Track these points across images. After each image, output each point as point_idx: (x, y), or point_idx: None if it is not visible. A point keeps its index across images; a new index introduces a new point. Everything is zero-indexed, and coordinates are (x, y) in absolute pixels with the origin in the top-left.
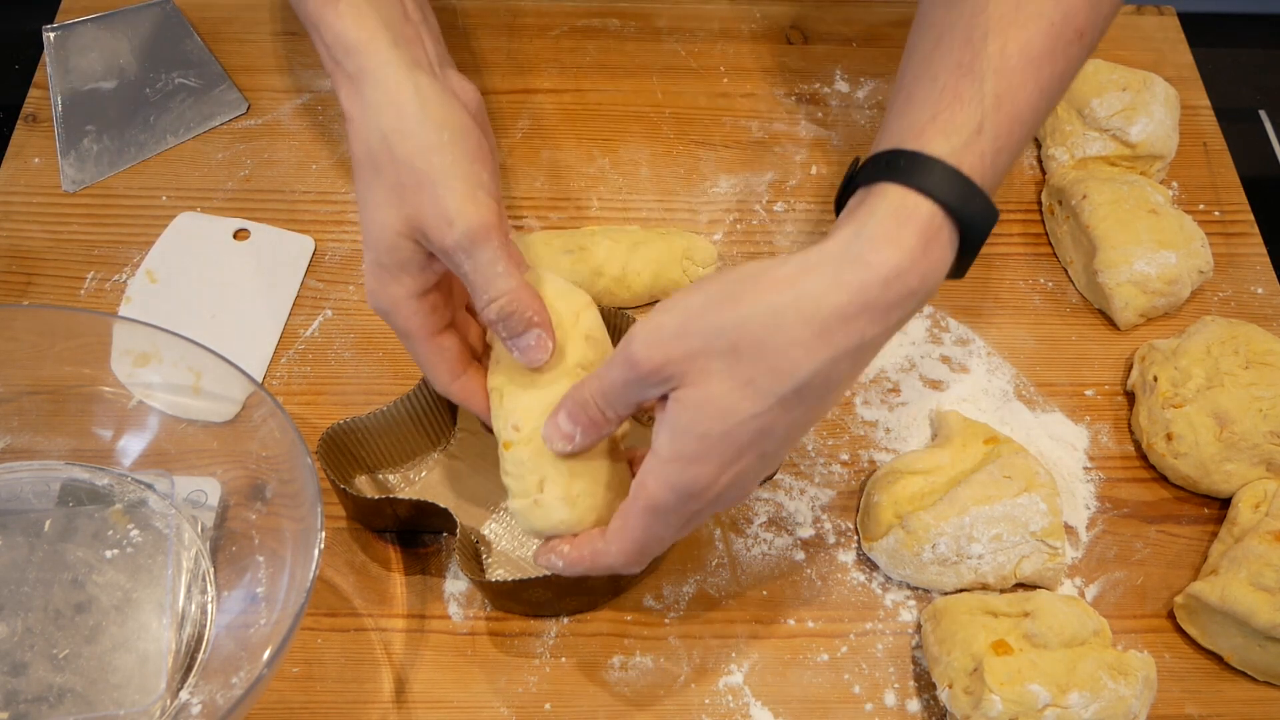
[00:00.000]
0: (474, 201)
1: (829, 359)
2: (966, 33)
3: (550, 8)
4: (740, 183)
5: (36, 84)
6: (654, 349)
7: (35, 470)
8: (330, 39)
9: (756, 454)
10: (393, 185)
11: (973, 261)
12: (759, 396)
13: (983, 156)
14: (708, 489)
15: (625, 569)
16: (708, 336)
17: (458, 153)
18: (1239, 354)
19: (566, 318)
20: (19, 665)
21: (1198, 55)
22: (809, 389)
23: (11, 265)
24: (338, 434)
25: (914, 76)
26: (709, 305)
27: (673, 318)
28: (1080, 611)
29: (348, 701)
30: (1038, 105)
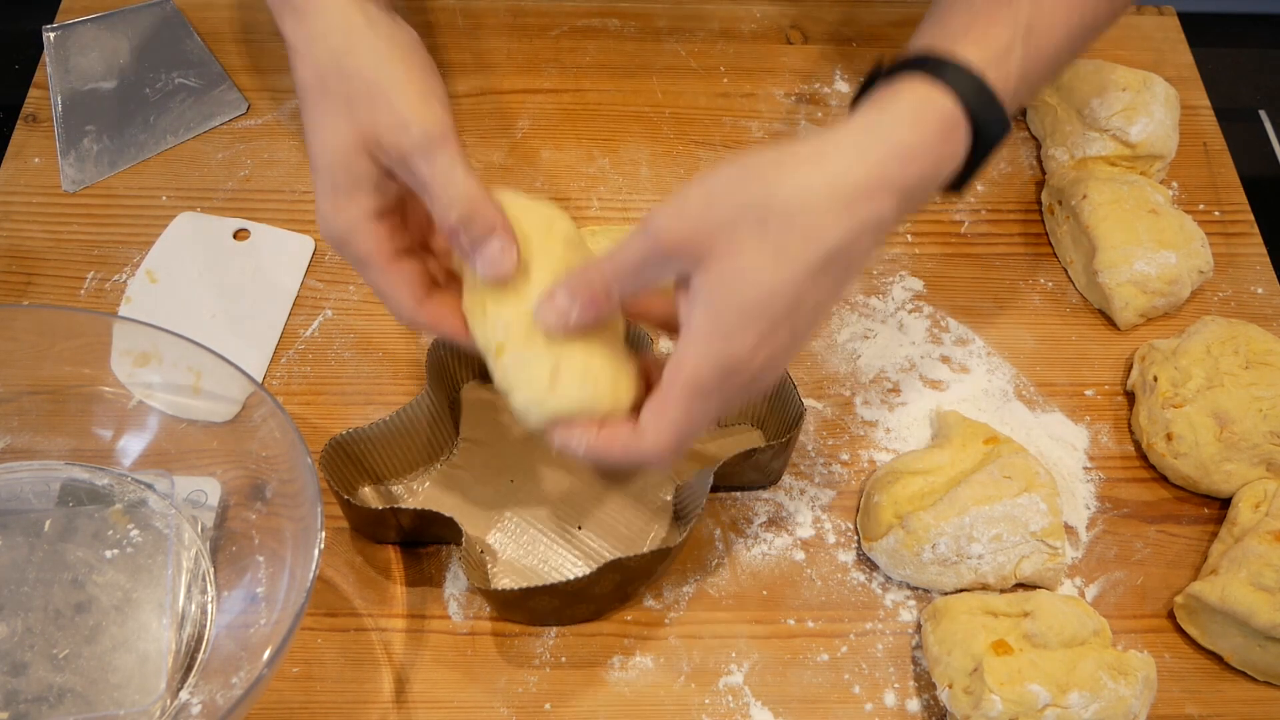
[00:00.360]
0: (428, 106)
1: (854, 229)
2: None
3: (550, 8)
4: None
5: (36, 84)
6: (681, 221)
7: (35, 470)
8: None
9: (789, 327)
10: (343, 100)
11: (973, 176)
12: (792, 264)
13: (1008, 76)
14: (749, 363)
15: (659, 460)
16: (736, 209)
17: (410, 63)
18: (1239, 354)
19: (539, 227)
20: (19, 665)
21: (1198, 55)
22: (836, 259)
23: (11, 265)
24: (341, 444)
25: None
26: (734, 181)
27: (698, 192)
28: (1080, 611)
29: (348, 701)
30: (1063, 47)
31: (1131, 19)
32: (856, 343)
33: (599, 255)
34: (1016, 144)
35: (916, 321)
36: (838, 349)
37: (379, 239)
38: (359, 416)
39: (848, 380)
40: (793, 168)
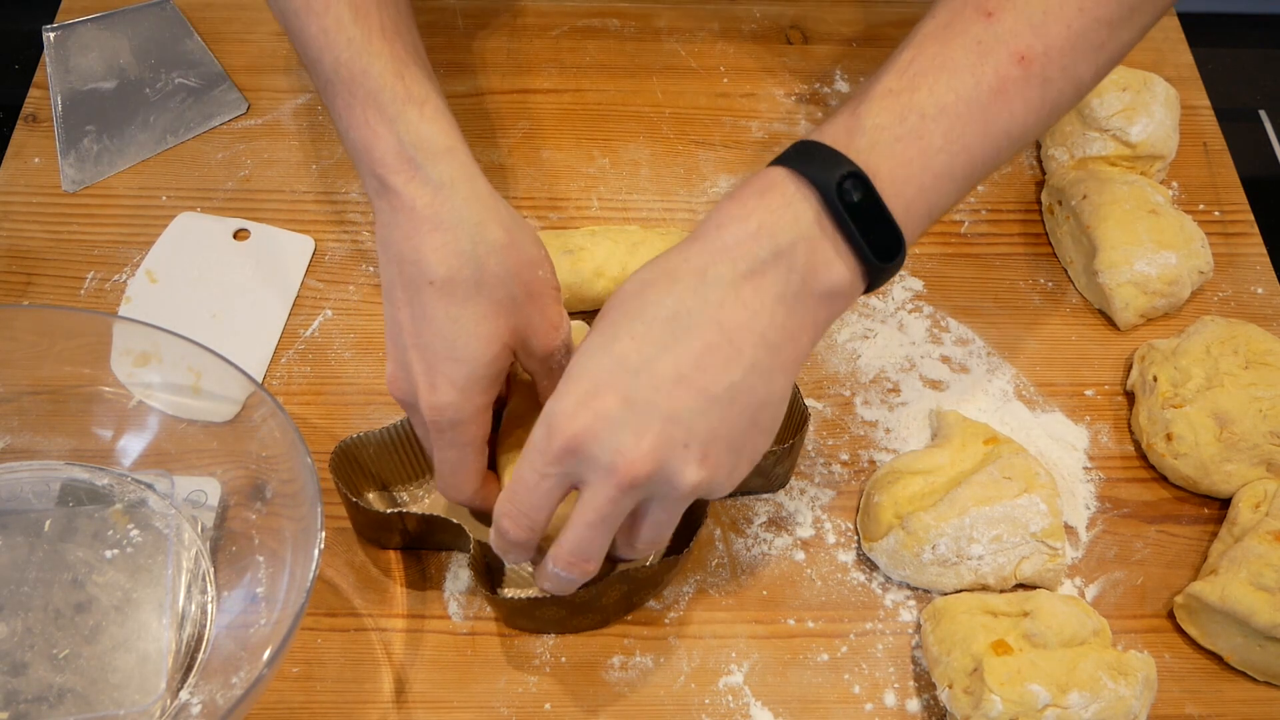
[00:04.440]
0: (562, 299)
1: (677, 294)
2: (891, 53)
3: (550, 8)
4: (740, 182)
5: (36, 84)
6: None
7: (35, 470)
8: (413, 139)
9: (616, 391)
10: (501, 299)
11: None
12: (608, 332)
13: (850, 131)
14: (568, 421)
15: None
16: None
17: (544, 255)
18: (1239, 354)
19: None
20: (19, 665)
21: (1198, 55)
22: (660, 321)
23: (11, 265)
24: (349, 448)
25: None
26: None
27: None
28: (1080, 611)
29: (348, 701)
30: (955, 108)
31: None
32: (856, 343)
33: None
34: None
35: (916, 321)
36: (838, 349)
37: (488, 427)
38: (359, 416)
39: (848, 380)
40: (636, 273)
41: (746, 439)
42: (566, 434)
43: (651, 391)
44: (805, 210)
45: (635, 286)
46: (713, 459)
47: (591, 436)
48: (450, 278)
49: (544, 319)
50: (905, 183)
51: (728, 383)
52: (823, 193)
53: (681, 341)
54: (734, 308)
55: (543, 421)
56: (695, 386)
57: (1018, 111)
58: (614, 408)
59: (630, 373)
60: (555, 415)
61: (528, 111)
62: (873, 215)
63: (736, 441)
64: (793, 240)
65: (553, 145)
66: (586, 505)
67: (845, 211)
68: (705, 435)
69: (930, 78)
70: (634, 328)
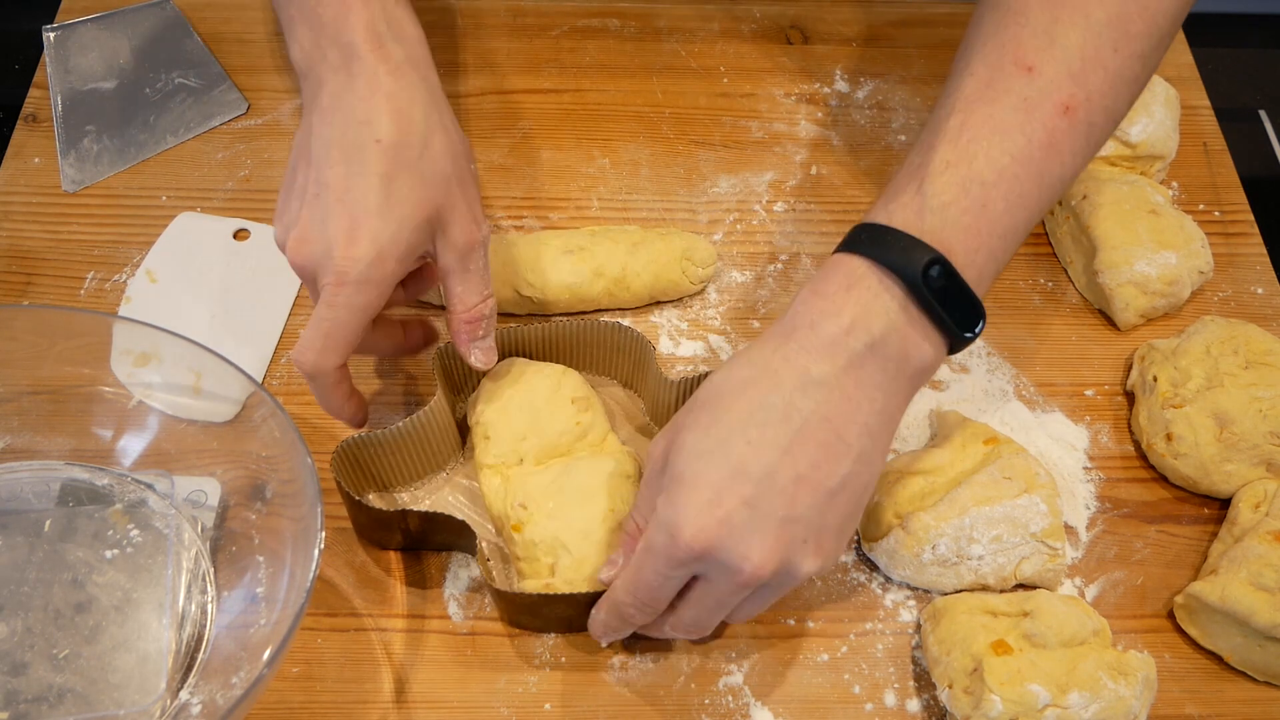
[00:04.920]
0: (483, 211)
1: (784, 394)
2: (936, 113)
3: (550, 8)
4: (740, 183)
5: (36, 84)
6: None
7: (35, 470)
8: (385, 18)
9: (738, 496)
10: (436, 177)
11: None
12: (717, 433)
13: (920, 212)
14: (694, 530)
15: (628, 608)
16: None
17: (471, 166)
18: (1239, 354)
19: (549, 387)
20: (19, 665)
21: (1198, 55)
22: (773, 425)
23: (11, 265)
24: (351, 447)
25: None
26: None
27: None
28: (1080, 611)
29: (348, 701)
30: (1012, 169)
31: None
32: None
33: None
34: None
35: None
36: None
37: (381, 304)
38: None
39: None
40: (723, 364)
41: (850, 521)
42: (694, 543)
43: (773, 496)
44: (892, 301)
45: (735, 384)
46: (825, 547)
47: (718, 543)
48: (397, 141)
49: (469, 209)
50: (976, 252)
51: (840, 476)
52: (908, 282)
53: (796, 443)
54: (839, 403)
55: (664, 527)
56: (812, 484)
57: (1067, 159)
58: (738, 514)
59: (752, 480)
60: (679, 524)
61: (528, 111)
62: (955, 294)
63: (843, 526)
64: (885, 331)
65: (553, 145)
66: (709, 595)
67: (932, 297)
68: (819, 527)
69: (984, 144)
70: (748, 433)
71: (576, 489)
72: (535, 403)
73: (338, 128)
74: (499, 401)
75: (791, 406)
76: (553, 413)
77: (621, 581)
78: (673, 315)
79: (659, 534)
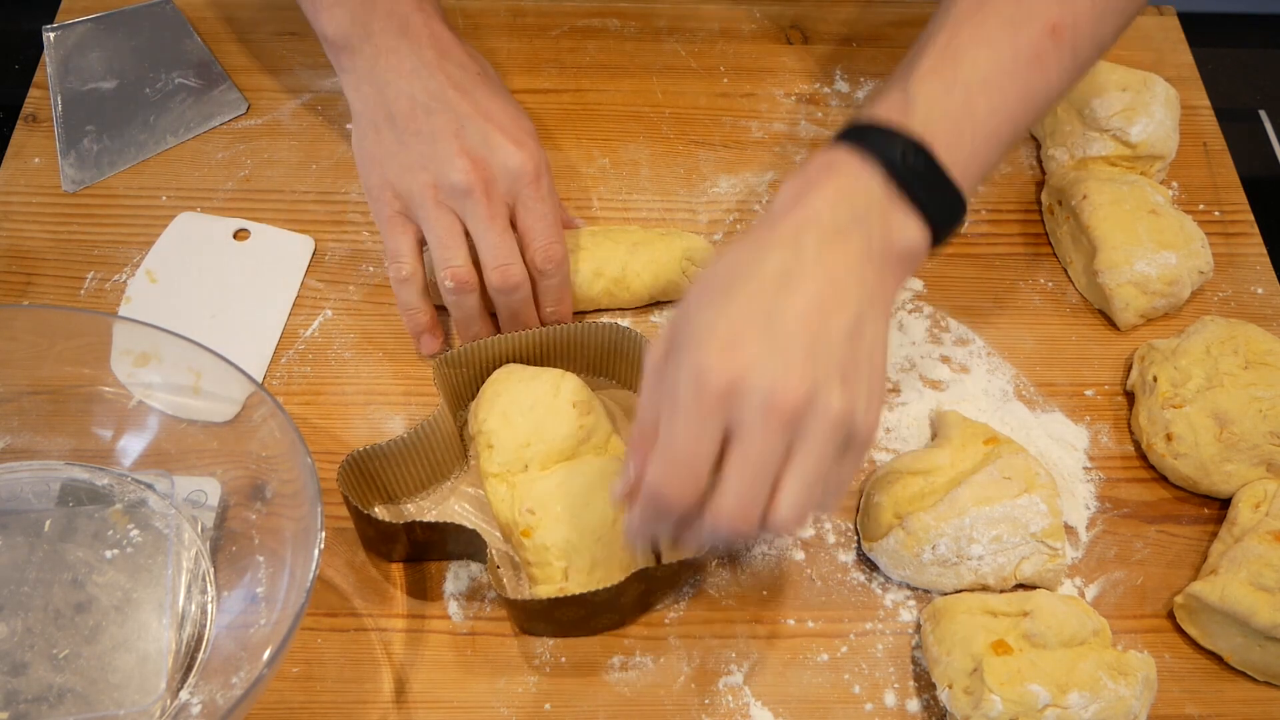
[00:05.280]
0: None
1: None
2: (924, 35)
3: (550, 8)
4: (740, 183)
5: (36, 84)
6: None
7: (35, 470)
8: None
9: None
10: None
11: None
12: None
13: (904, 107)
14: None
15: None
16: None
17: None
18: (1239, 354)
19: (547, 392)
20: (19, 665)
21: (1198, 55)
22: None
23: (11, 265)
24: (359, 460)
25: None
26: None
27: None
28: (1080, 611)
29: (348, 701)
30: (997, 78)
31: None
32: None
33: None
34: (1017, 144)
35: (916, 321)
36: None
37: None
38: (359, 416)
39: None
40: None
41: (873, 375)
42: (720, 379)
43: (786, 330)
44: (873, 182)
45: (727, 264)
46: (851, 386)
47: (744, 376)
48: (485, 73)
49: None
50: (958, 149)
51: (846, 321)
52: (887, 164)
53: (796, 291)
54: (831, 263)
55: (687, 379)
56: (823, 319)
57: (1052, 78)
58: (757, 346)
59: (761, 319)
60: (702, 367)
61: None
62: (935, 181)
63: (865, 374)
64: (867, 206)
65: (553, 145)
66: (747, 449)
67: (911, 179)
68: (842, 363)
69: (971, 53)
70: (747, 287)
71: (584, 491)
72: (536, 409)
73: (438, 78)
74: (500, 409)
75: (784, 264)
76: (554, 417)
77: (653, 462)
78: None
79: (683, 387)
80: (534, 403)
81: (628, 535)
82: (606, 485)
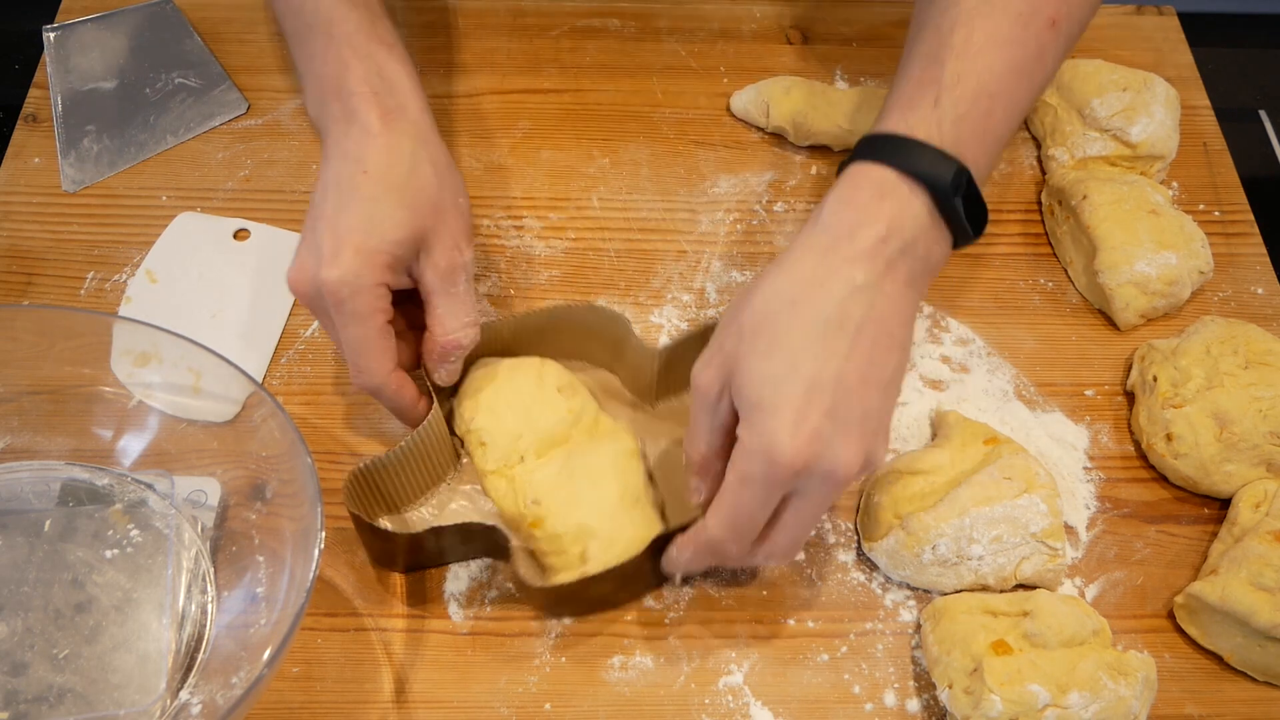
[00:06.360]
0: (471, 238)
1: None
2: (937, 25)
3: (550, 8)
4: (740, 183)
5: (36, 84)
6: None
7: (35, 470)
8: (378, 73)
9: (819, 409)
10: (422, 203)
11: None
12: (782, 355)
13: (939, 124)
14: (791, 450)
15: (725, 542)
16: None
17: (462, 196)
18: (1239, 354)
19: (531, 380)
20: (19, 665)
21: (1198, 55)
22: (831, 335)
23: (11, 265)
24: (363, 474)
25: (898, 70)
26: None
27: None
28: (1080, 611)
29: (348, 701)
30: (1010, 80)
31: (1131, 19)
32: None
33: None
34: (1017, 144)
35: (916, 321)
36: None
37: (386, 306)
38: (359, 416)
39: None
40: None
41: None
42: (793, 462)
43: (848, 399)
44: (921, 208)
45: (785, 303)
46: (886, 432)
47: (813, 456)
48: (385, 169)
49: (453, 235)
50: (981, 160)
51: (893, 367)
52: (937, 192)
53: (855, 347)
54: (884, 304)
55: (758, 455)
56: (874, 380)
57: (1050, 68)
58: (825, 426)
59: (828, 391)
60: (774, 447)
61: (528, 111)
62: (972, 200)
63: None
64: (915, 235)
65: (553, 145)
66: (804, 510)
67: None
68: (881, 414)
69: (989, 57)
70: (812, 348)
71: (585, 474)
72: (523, 399)
73: (332, 170)
74: (486, 405)
75: (845, 315)
76: (542, 405)
77: (716, 519)
78: (673, 315)
79: (754, 463)
80: (519, 393)
81: (670, 567)
82: (606, 465)
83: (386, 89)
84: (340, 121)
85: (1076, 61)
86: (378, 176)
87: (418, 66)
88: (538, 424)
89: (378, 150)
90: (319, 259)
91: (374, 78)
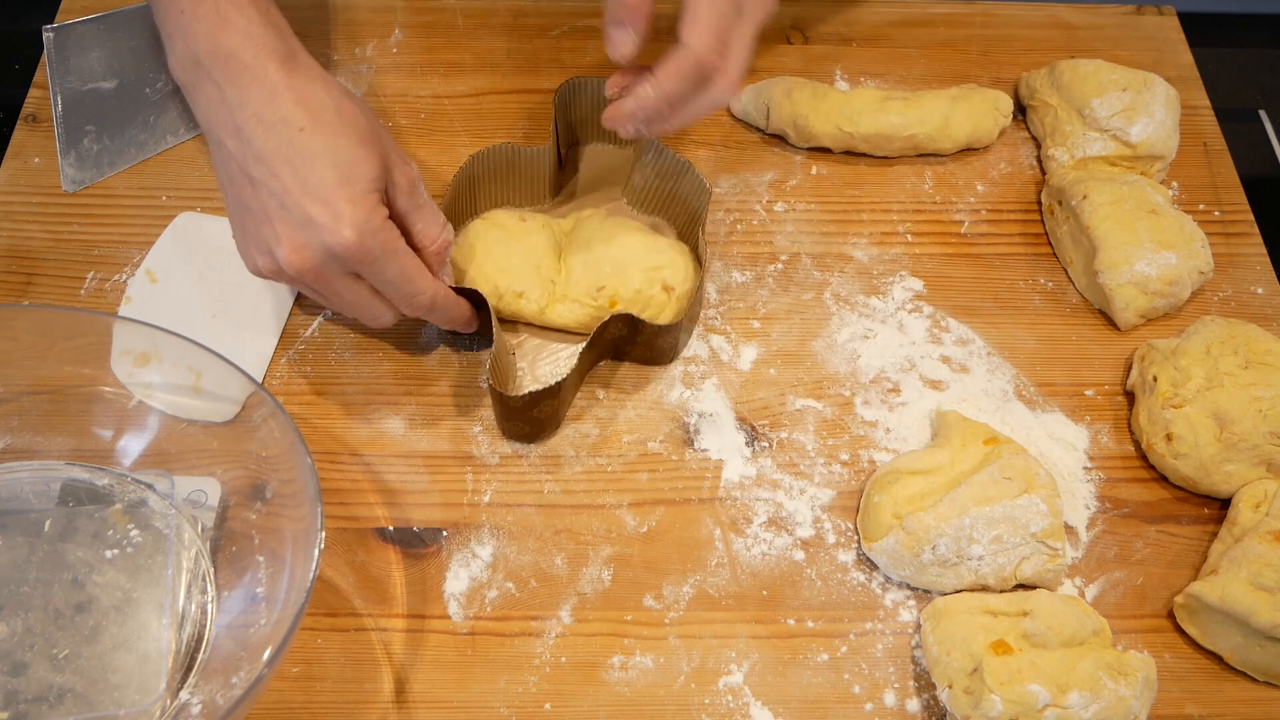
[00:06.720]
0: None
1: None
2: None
3: (550, 8)
4: (740, 183)
5: (36, 84)
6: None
7: (35, 470)
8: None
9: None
10: (364, 130)
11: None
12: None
13: None
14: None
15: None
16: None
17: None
18: (1238, 354)
19: (498, 231)
20: (19, 665)
21: (1198, 55)
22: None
23: (11, 265)
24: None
25: None
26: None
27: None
28: (1080, 611)
29: (348, 701)
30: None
31: (1131, 19)
32: (856, 343)
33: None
34: (1016, 144)
35: (916, 321)
36: (838, 349)
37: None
38: (359, 417)
39: (848, 380)
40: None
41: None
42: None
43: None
44: None
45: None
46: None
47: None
48: (317, 119)
49: (396, 153)
50: None
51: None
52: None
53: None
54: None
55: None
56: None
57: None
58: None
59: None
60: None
61: (528, 111)
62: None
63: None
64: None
65: None
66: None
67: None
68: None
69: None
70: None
71: (602, 241)
72: (508, 243)
73: (259, 139)
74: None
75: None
76: (524, 237)
77: (701, 39)
78: None
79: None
80: (501, 243)
81: (613, 123)
82: (601, 227)
83: (276, 40)
84: (229, 84)
85: (1077, 61)
86: (316, 128)
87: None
88: (538, 249)
89: (295, 104)
90: (316, 229)
91: (258, 32)
